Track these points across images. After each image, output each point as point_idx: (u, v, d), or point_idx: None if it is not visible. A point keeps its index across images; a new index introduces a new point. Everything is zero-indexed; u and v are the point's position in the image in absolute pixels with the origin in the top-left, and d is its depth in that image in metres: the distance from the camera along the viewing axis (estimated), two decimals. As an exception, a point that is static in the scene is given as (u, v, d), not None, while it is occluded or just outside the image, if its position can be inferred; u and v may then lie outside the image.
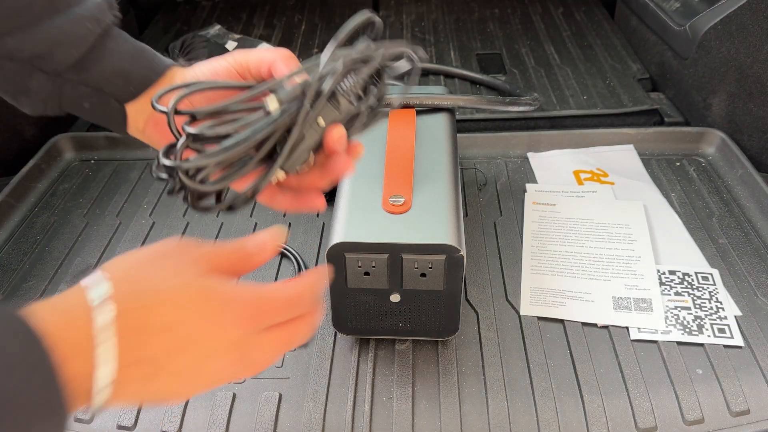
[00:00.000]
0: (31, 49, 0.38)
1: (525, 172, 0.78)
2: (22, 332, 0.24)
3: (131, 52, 0.41)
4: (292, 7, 1.23)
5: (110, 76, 0.40)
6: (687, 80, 0.87)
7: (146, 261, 0.30)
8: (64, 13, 0.38)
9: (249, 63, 0.40)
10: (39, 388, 0.24)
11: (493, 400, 0.52)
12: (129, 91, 0.41)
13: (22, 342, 0.24)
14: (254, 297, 0.31)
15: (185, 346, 0.29)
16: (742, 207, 0.72)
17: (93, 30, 0.39)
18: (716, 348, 0.55)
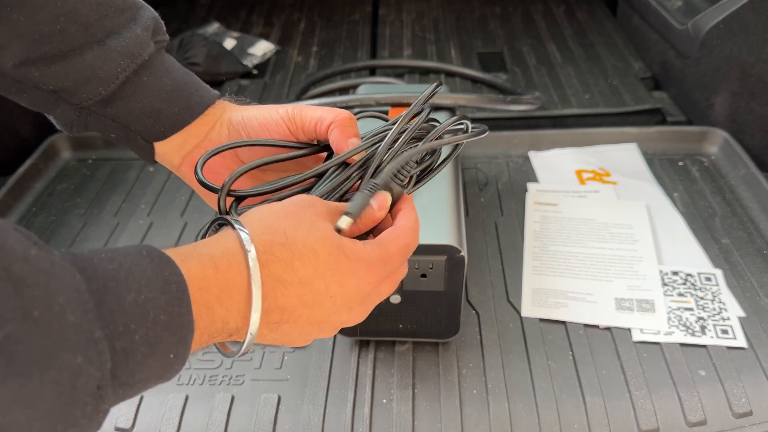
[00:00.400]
0: (55, 83, 0.36)
1: (526, 171, 0.78)
2: (156, 255, 0.26)
3: (168, 89, 0.38)
4: (291, 5, 1.22)
5: (139, 115, 0.38)
6: (689, 79, 0.87)
7: (283, 213, 0.30)
8: (98, 46, 0.35)
9: (304, 122, 0.38)
10: (172, 301, 0.25)
11: (494, 402, 0.52)
12: (158, 131, 0.38)
13: (155, 261, 0.26)
14: (380, 254, 0.32)
15: (321, 300, 0.30)
16: (745, 207, 0.71)
17: (125, 68, 0.36)
18: (719, 349, 0.55)
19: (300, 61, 1.04)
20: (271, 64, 1.03)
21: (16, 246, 0.21)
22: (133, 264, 0.25)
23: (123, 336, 0.23)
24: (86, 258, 0.24)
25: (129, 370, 0.24)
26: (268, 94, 0.95)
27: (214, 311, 0.27)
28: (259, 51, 1.05)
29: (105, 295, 0.23)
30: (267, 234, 0.29)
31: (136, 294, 0.24)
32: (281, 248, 0.29)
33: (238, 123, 0.39)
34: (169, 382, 0.55)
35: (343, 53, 1.06)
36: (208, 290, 0.27)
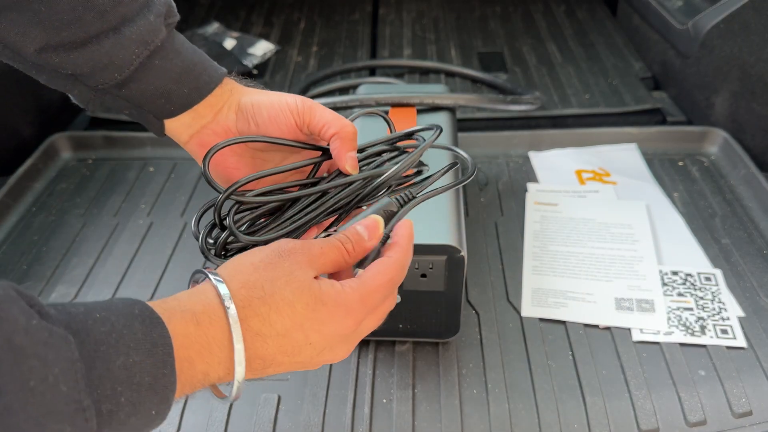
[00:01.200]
0: (75, 69, 0.37)
1: (526, 171, 0.78)
2: (147, 315, 0.27)
3: (178, 70, 0.39)
4: (290, 4, 1.22)
5: (151, 96, 0.39)
6: (689, 79, 0.87)
7: (262, 266, 0.31)
8: (114, 33, 0.37)
9: (312, 120, 0.39)
10: (157, 364, 0.27)
11: (494, 401, 0.52)
12: (169, 110, 0.40)
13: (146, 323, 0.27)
14: (360, 295, 0.32)
15: (300, 348, 0.31)
16: (745, 207, 0.71)
17: (140, 55, 0.37)
18: (719, 349, 0.55)
19: (300, 60, 1.04)
20: (271, 64, 1.03)
21: (19, 317, 0.23)
22: (125, 326, 0.26)
23: (110, 399, 0.25)
24: (81, 320, 0.26)
25: (112, 428, 0.25)
26: (268, 94, 0.95)
27: (195, 366, 0.29)
28: (259, 51, 1.05)
29: (95, 360, 0.25)
30: (245, 289, 0.30)
31: (124, 358, 0.26)
32: (259, 303, 0.30)
33: (246, 109, 0.40)
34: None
35: (343, 53, 1.06)
36: (190, 347, 0.28)
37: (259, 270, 0.31)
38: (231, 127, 0.41)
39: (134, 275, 0.65)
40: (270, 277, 0.31)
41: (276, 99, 0.40)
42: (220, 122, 0.41)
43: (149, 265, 0.66)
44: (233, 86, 0.41)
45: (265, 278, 0.31)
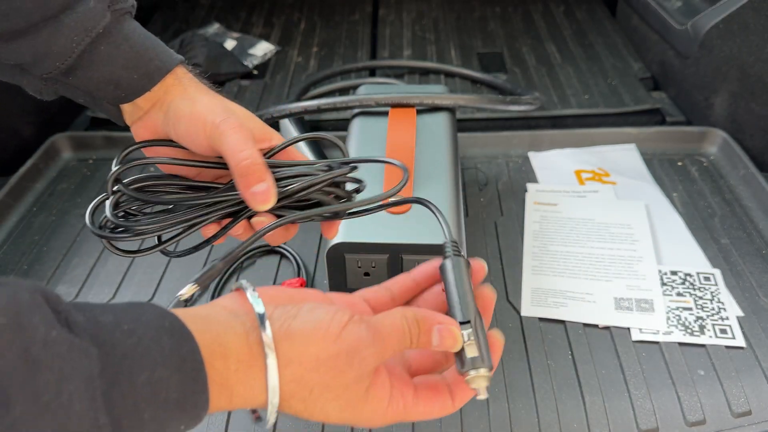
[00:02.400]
0: (16, 59, 0.37)
1: (526, 171, 0.78)
2: (177, 329, 0.27)
3: (127, 56, 0.38)
4: (291, 5, 1.22)
5: (99, 83, 0.38)
6: (689, 79, 0.87)
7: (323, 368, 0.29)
8: (53, 21, 0.36)
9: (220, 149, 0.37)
10: (186, 380, 0.26)
11: (494, 401, 0.52)
12: (120, 96, 0.39)
13: (175, 337, 0.26)
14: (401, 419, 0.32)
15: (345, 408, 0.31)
16: (745, 207, 0.71)
17: (80, 42, 0.37)
18: (718, 349, 0.55)
19: (300, 61, 1.04)
20: (271, 64, 1.03)
21: (39, 326, 0.22)
22: (153, 339, 0.26)
23: (131, 415, 0.24)
24: (108, 329, 0.25)
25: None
26: (269, 95, 0.95)
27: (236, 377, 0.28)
28: (259, 51, 1.05)
29: (119, 374, 0.24)
30: (294, 384, 0.29)
31: (149, 373, 0.25)
32: (299, 402, 0.30)
33: (170, 116, 0.39)
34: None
35: (343, 53, 1.06)
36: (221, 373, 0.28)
37: (319, 371, 0.29)
38: (158, 126, 0.40)
39: (134, 275, 0.65)
40: (325, 383, 0.29)
41: (197, 114, 0.38)
42: (151, 118, 0.40)
43: (149, 265, 0.66)
44: (173, 83, 0.40)
45: (319, 382, 0.29)
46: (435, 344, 0.32)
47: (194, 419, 0.27)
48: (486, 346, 0.33)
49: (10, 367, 0.21)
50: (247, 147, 0.36)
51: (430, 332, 0.32)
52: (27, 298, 0.22)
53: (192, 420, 0.27)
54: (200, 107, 0.38)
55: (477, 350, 0.32)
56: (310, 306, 0.31)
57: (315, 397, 0.30)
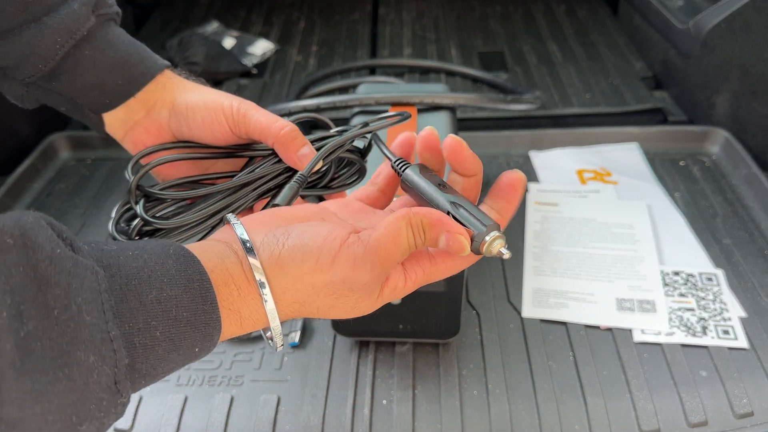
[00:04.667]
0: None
1: (527, 171, 0.77)
2: (181, 254, 0.27)
3: (111, 61, 0.38)
4: (290, 4, 1.22)
5: (83, 88, 0.38)
6: (691, 79, 0.87)
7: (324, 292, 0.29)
8: (36, 24, 0.35)
9: (248, 128, 0.37)
10: (195, 299, 0.26)
11: (494, 402, 0.51)
12: (104, 102, 0.39)
13: (180, 260, 0.26)
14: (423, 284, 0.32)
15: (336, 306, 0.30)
16: (747, 207, 0.71)
17: (64, 44, 0.36)
18: (720, 350, 0.55)
19: (300, 60, 1.04)
20: (270, 63, 1.03)
21: (44, 245, 0.23)
22: (158, 262, 0.26)
23: (143, 332, 0.24)
24: (113, 255, 0.25)
25: (150, 363, 0.25)
26: (268, 94, 0.94)
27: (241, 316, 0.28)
28: (258, 50, 1.05)
29: (127, 293, 0.24)
30: (297, 305, 0.29)
31: (158, 292, 0.25)
32: (307, 311, 0.30)
33: (180, 110, 0.38)
34: (168, 382, 0.55)
35: (343, 52, 1.06)
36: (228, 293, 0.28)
37: (320, 296, 0.29)
38: (164, 125, 0.39)
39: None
40: (331, 305, 0.30)
41: (211, 102, 0.38)
42: (153, 119, 0.39)
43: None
44: (168, 81, 0.40)
45: (323, 304, 0.30)
46: (442, 246, 0.31)
47: (208, 341, 0.27)
48: (479, 213, 0.31)
49: (19, 284, 0.21)
50: (278, 118, 0.37)
51: (437, 238, 0.31)
52: (31, 221, 0.23)
53: (206, 341, 0.27)
54: (212, 96, 0.38)
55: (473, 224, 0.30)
56: (300, 230, 0.29)
57: (326, 312, 0.30)
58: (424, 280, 0.32)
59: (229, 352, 0.56)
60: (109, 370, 0.23)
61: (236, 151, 0.39)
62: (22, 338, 0.21)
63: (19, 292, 0.21)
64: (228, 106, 0.37)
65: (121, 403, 0.24)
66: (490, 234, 0.30)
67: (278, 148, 0.37)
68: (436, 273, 0.32)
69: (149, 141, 0.40)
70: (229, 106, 0.37)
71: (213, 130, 0.38)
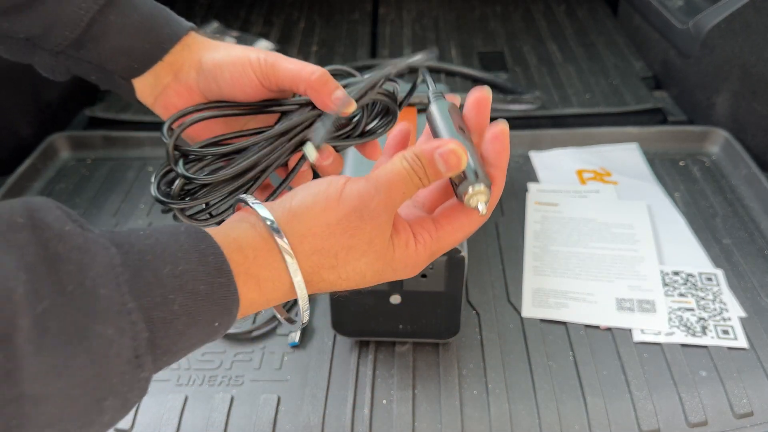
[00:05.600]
0: (25, 32, 0.37)
1: (527, 171, 0.78)
2: (192, 231, 0.27)
3: (137, 25, 0.37)
4: (290, 4, 1.22)
5: (111, 54, 0.37)
6: (691, 79, 0.87)
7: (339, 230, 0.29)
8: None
9: (278, 78, 0.37)
10: (210, 271, 0.26)
11: (494, 402, 0.51)
12: (132, 68, 0.38)
13: (191, 236, 0.26)
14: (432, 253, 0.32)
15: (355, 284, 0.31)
16: (747, 207, 0.71)
17: (88, 9, 0.36)
18: (720, 350, 0.55)
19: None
20: (270, 63, 1.03)
21: (53, 223, 0.23)
22: (170, 239, 0.26)
23: (160, 306, 0.24)
24: (124, 234, 0.25)
25: (170, 338, 0.25)
26: (268, 94, 0.95)
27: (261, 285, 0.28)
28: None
29: (142, 268, 0.24)
30: (317, 255, 0.29)
31: (172, 266, 0.25)
32: (329, 271, 0.30)
33: (208, 69, 0.38)
34: (169, 382, 0.55)
35: (343, 52, 1.06)
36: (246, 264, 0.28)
37: (335, 235, 0.29)
38: (193, 86, 0.39)
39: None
40: (348, 245, 0.29)
41: (237, 58, 0.37)
42: (182, 81, 0.39)
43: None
44: (193, 42, 0.39)
45: (341, 246, 0.29)
46: (443, 170, 0.31)
47: (227, 315, 0.27)
48: (479, 165, 0.31)
49: (32, 262, 0.22)
50: (307, 64, 0.37)
51: (434, 161, 0.31)
52: (40, 202, 0.24)
53: (225, 315, 0.26)
54: (238, 51, 0.38)
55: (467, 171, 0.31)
56: (303, 188, 0.31)
57: (343, 261, 0.30)
58: (433, 245, 0.32)
59: (230, 352, 0.56)
60: (129, 342, 0.23)
61: (268, 106, 0.39)
62: (39, 314, 0.21)
63: (32, 270, 0.21)
64: (255, 58, 0.37)
65: (143, 378, 0.24)
66: (477, 186, 0.30)
67: (311, 94, 0.36)
68: (443, 237, 0.32)
69: (180, 104, 0.39)
70: (256, 58, 0.37)
71: (243, 85, 0.37)
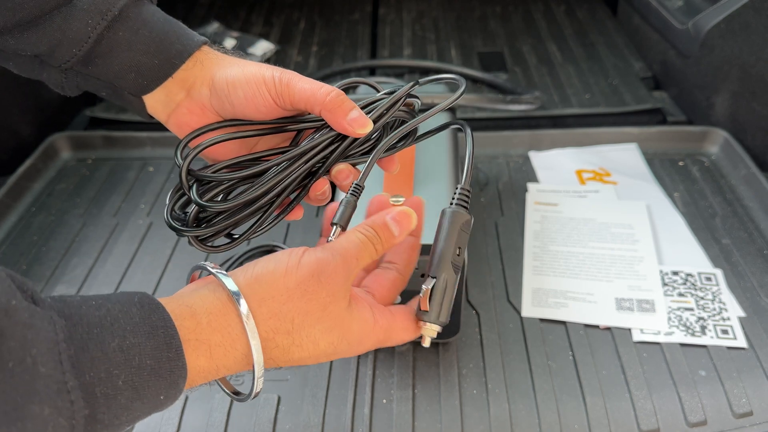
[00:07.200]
0: (32, 49, 0.36)
1: (526, 171, 0.78)
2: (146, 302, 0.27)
3: (146, 41, 0.36)
4: (290, 4, 1.22)
5: (119, 71, 0.37)
6: (690, 79, 0.87)
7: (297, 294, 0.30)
8: (67, 7, 0.35)
9: (293, 98, 0.36)
10: (159, 346, 0.26)
11: (494, 402, 0.51)
12: (142, 84, 0.37)
13: (144, 308, 0.26)
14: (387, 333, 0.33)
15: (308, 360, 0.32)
16: (746, 207, 0.71)
17: (96, 26, 0.35)
18: (719, 349, 0.55)
19: (300, 60, 1.04)
20: (271, 63, 1.03)
21: (0, 297, 0.23)
22: (121, 311, 0.26)
23: (104, 381, 0.24)
24: (75, 305, 0.25)
25: (113, 412, 0.25)
26: (268, 94, 0.95)
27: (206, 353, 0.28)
28: (258, 51, 1.05)
29: (88, 342, 0.24)
30: (273, 320, 0.30)
31: (120, 340, 0.25)
32: (284, 337, 0.30)
33: (220, 87, 0.37)
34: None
35: (343, 53, 1.06)
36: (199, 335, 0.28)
37: (293, 299, 0.30)
38: (206, 104, 0.38)
39: (134, 275, 0.65)
40: (304, 309, 0.30)
41: (252, 75, 0.36)
42: (194, 99, 0.38)
43: (149, 265, 0.66)
44: (205, 58, 0.38)
45: (297, 310, 0.30)
46: (397, 233, 0.33)
47: (173, 388, 0.27)
48: (446, 303, 0.34)
49: None
50: (323, 85, 0.36)
51: (387, 225, 0.33)
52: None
53: (171, 389, 0.26)
54: (252, 68, 0.37)
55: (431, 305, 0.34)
56: (266, 257, 0.32)
57: (298, 326, 0.30)
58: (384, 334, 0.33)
59: (230, 352, 0.56)
60: (66, 421, 0.23)
61: (285, 125, 0.38)
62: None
63: None
64: (270, 77, 0.36)
65: None
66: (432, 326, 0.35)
67: (326, 115, 0.36)
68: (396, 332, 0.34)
69: (193, 122, 0.38)
70: (271, 77, 0.36)
71: (257, 104, 0.36)
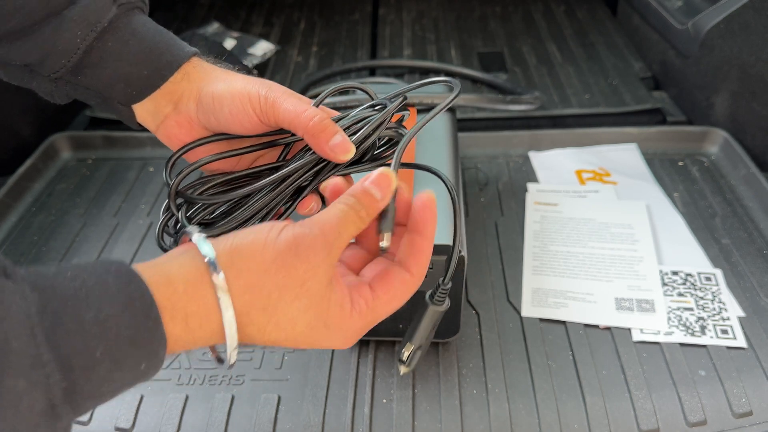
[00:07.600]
0: (22, 59, 0.36)
1: (526, 171, 0.78)
2: (122, 271, 0.26)
3: (136, 52, 0.37)
4: (290, 4, 1.22)
5: (109, 81, 0.37)
6: (690, 79, 0.87)
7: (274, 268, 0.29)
8: (57, 18, 0.35)
9: (277, 119, 0.36)
10: (137, 316, 0.26)
11: (494, 402, 0.51)
12: (131, 94, 0.38)
13: (120, 278, 0.26)
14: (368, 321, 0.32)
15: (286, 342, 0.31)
16: (746, 207, 0.71)
17: (85, 37, 0.36)
18: (719, 349, 0.55)
19: (300, 61, 1.04)
20: (271, 64, 1.03)
21: None
22: (97, 282, 0.25)
23: (82, 353, 0.24)
24: (49, 277, 0.25)
25: (93, 383, 0.25)
26: (268, 94, 0.95)
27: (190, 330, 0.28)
28: (259, 51, 1.05)
29: (63, 315, 0.24)
30: (249, 293, 0.29)
31: (96, 312, 0.25)
32: (260, 313, 0.29)
33: (206, 102, 0.37)
34: (170, 381, 0.55)
35: (343, 53, 1.06)
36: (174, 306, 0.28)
37: (270, 273, 0.29)
38: (193, 118, 0.38)
39: (134, 275, 0.65)
40: (281, 284, 0.29)
41: (237, 93, 0.36)
42: (182, 113, 0.38)
43: (149, 265, 0.66)
44: (194, 71, 0.39)
45: (274, 285, 0.29)
46: (379, 197, 0.32)
47: (154, 357, 0.26)
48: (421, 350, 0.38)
49: None
50: (308, 107, 0.36)
51: (368, 192, 0.32)
52: None
53: (151, 358, 0.26)
54: (238, 85, 0.37)
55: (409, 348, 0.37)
56: (248, 228, 0.31)
57: (275, 302, 0.29)
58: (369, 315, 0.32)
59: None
60: (41, 395, 0.23)
61: (274, 139, 0.38)
62: None
63: None
64: (255, 95, 0.36)
65: (61, 427, 0.24)
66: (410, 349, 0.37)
67: (308, 140, 0.35)
68: (379, 307, 0.32)
69: (181, 134, 0.39)
70: (257, 95, 0.36)
71: (241, 121, 0.36)
